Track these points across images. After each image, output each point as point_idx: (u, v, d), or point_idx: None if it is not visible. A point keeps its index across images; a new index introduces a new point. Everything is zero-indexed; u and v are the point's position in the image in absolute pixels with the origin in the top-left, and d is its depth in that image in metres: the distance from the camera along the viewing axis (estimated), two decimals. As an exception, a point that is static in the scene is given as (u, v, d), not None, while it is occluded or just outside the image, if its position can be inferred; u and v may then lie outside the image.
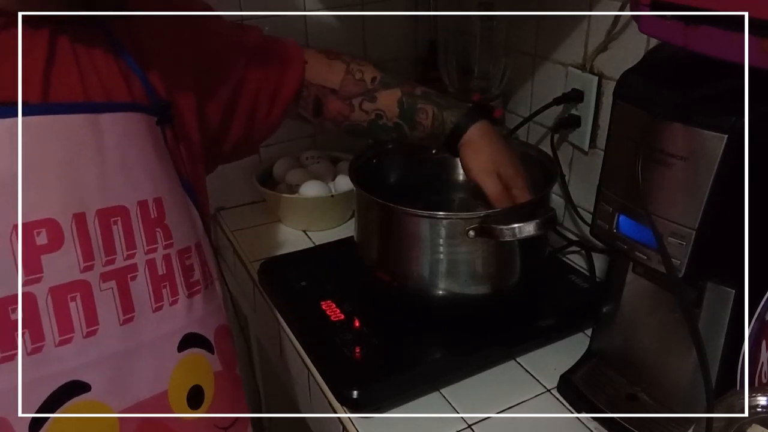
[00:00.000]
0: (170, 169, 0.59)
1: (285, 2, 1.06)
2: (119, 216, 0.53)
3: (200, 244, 0.61)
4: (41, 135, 0.49)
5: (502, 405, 0.72)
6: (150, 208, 0.55)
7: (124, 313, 0.53)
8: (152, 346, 0.55)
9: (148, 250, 0.55)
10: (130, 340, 0.54)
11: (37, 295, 0.49)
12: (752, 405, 0.54)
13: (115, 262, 0.53)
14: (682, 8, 0.51)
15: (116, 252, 0.53)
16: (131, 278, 0.54)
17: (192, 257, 0.59)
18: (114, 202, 0.53)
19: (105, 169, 0.52)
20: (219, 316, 0.63)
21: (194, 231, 0.61)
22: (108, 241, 0.52)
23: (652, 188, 0.57)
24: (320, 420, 0.82)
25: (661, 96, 0.56)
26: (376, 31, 1.15)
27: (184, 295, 0.58)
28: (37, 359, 0.49)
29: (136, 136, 0.55)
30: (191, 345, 0.58)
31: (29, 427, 0.49)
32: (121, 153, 0.53)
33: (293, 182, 1.07)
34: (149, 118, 0.57)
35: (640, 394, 0.70)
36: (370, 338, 0.78)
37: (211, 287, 0.62)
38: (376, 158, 0.93)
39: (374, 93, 0.79)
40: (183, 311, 0.58)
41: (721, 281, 0.60)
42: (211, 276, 0.63)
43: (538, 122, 1.02)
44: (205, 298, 0.60)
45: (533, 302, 0.86)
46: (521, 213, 0.74)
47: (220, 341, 0.62)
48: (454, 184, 0.98)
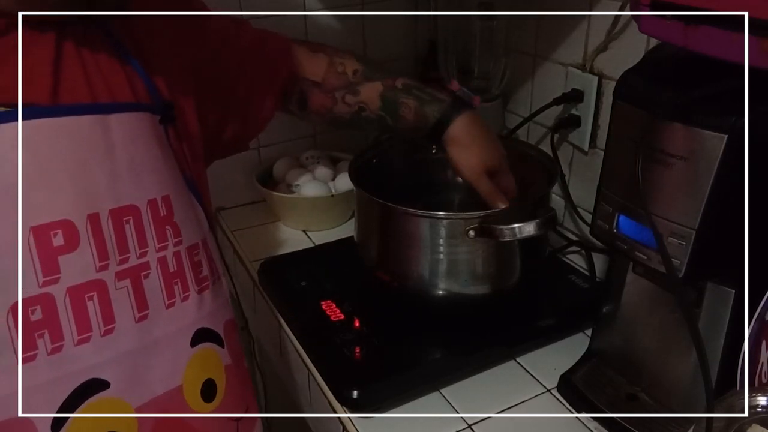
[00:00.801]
0: (175, 168, 0.59)
1: (285, 2, 1.06)
2: (131, 215, 0.54)
3: (206, 240, 0.62)
4: (52, 137, 0.50)
5: (502, 405, 0.72)
6: (159, 207, 0.56)
7: (139, 311, 0.54)
8: (167, 341, 0.56)
9: (159, 247, 0.56)
10: (146, 336, 0.55)
11: (55, 295, 0.49)
12: (752, 405, 0.54)
13: (129, 261, 0.54)
14: (682, 8, 0.51)
15: (129, 251, 0.54)
16: (144, 276, 0.55)
17: (200, 253, 0.60)
18: (125, 201, 0.54)
19: (115, 169, 0.53)
20: (226, 310, 0.64)
21: (200, 228, 0.62)
22: (121, 240, 0.53)
23: (652, 188, 0.57)
24: (320, 420, 0.82)
25: (661, 96, 0.56)
26: (376, 31, 1.15)
27: (194, 291, 0.59)
28: (57, 359, 0.50)
29: (143, 136, 0.56)
30: (203, 339, 0.59)
31: (51, 426, 0.50)
32: (129, 153, 0.54)
33: (293, 182, 1.07)
34: (153, 117, 0.57)
35: (640, 394, 0.70)
36: (370, 338, 0.78)
37: (218, 282, 0.63)
38: (376, 158, 0.93)
39: (356, 86, 0.80)
40: (194, 306, 0.58)
41: (721, 281, 0.60)
42: (217, 271, 0.63)
43: (538, 122, 1.02)
44: (213, 293, 0.61)
45: (533, 302, 0.86)
46: (521, 213, 0.74)
47: (228, 335, 0.63)
48: (454, 184, 0.98)
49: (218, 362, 0.61)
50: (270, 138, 1.13)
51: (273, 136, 1.14)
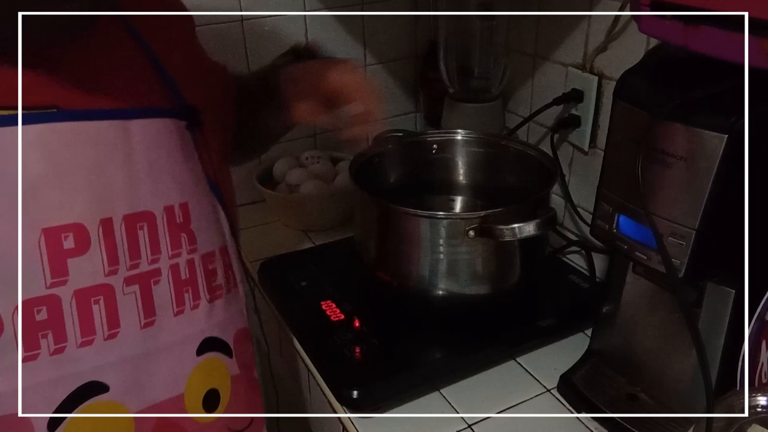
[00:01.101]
0: (198, 173, 0.59)
1: (285, 2, 1.06)
2: (145, 221, 0.54)
3: (225, 248, 0.61)
4: (71, 141, 0.50)
5: (502, 405, 0.72)
6: (176, 213, 0.56)
7: (145, 317, 0.54)
8: (172, 349, 0.56)
9: (172, 255, 0.55)
10: (150, 342, 0.54)
11: (62, 297, 0.49)
12: (752, 405, 0.54)
13: (140, 267, 0.53)
14: (682, 8, 0.51)
15: (141, 257, 0.53)
16: (154, 282, 0.54)
17: (215, 261, 0.59)
18: (141, 207, 0.53)
19: (133, 174, 0.53)
20: (240, 319, 0.63)
21: (219, 235, 0.61)
22: (133, 245, 0.53)
23: (652, 188, 0.57)
24: (320, 420, 0.82)
25: (661, 96, 0.56)
26: (376, 31, 1.15)
27: (205, 300, 0.58)
28: (59, 360, 0.50)
29: (165, 142, 0.55)
30: (210, 349, 0.59)
31: (48, 425, 0.50)
32: (149, 159, 0.54)
33: (293, 182, 1.07)
34: (178, 123, 0.57)
35: (640, 394, 0.70)
36: (370, 338, 0.78)
37: (233, 291, 0.62)
38: (376, 158, 0.92)
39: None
40: (204, 315, 0.58)
41: (721, 281, 0.60)
42: (234, 279, 0.62)
43: (538, 122, 1.02)
44: (227, 302, 0.60)
45: (533, 302, 0.86)
46: (521, 213, 0.74)
47: (239, 345, 0.62)
48: (454, 184, 0.98)
49: (224, 372, 0.60)
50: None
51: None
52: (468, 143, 0.96)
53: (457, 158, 0.97)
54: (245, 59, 1.06)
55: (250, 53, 1.07)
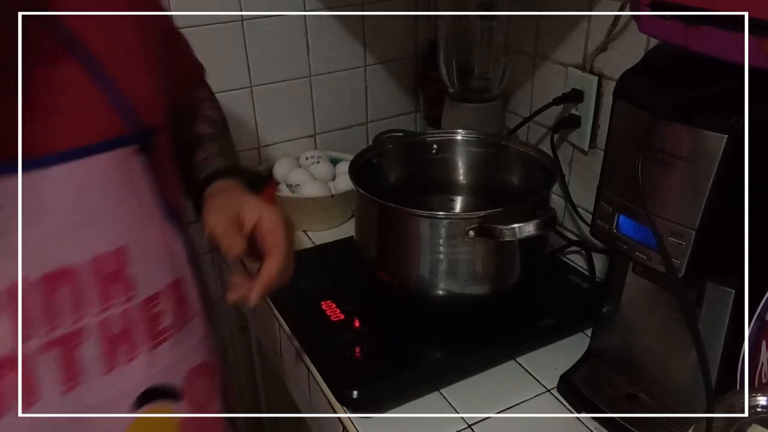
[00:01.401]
0: (147, 206, 0.54)
1: (285, 2, 1.06)
2: (65, 279, 0.49)
3: (179, 281, 0.57)
4: None
5: (502, 405, 0.72)
6: (108, 262, 0.51)
7: (67, 381, 0.50)
8: (102, 409, 0.52)
9: (101, 309, 0.51)
10: (76, 406, 0.51)
11: None
12: (752, 405, 0.54)
13: (59, 329, 0.49)
14: (682, 8, 0.51)
15: (61, 319, 0.49)
16: (78, 343, 0.50)
17: (162, 302, 0.55)
18: (59, 264, 0.49)
19: (50, 231, 0.48)
20: (196, 354, 0.59)
21: (172, 269, 0.56)
22: (50, 308, 0.49)
23: (652, 188, 0.57)
24: (320, 420, 0.82)
25: (661, 96, 0.56)
26: (376, 31, 1.15)
27: (145, 348, 0.54)
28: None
29: (101, 182, 0.50)
30: (151, 399, 0.55)
31: None
32: (73, 208, 0.49)
33: (293, 182, 1.07)
34: (126, 152, 0.51)
35: (640, 394, 0.70)
36: (370, 338, 0.78)
37: (188, 325, 0.58)
38: (376, 158, 0.93)
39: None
40: (143, 366, 0.54)
41: (721, 281, 0.60)
42: (191, 312, 0.58)
43: (538, 122, 1.02)
44: (177, 342, 0.56)
45: (533, 302, 0.86)
46: (521, 213, 0.74)
47: (192, 383, 0.58)
48: (454, 184, 0.98)
49: (169, 421, 0.57)
50: (270, 138, 1.14)
51: (273, 136, 1.14)
52: (468, 143, 0.96)
53: (457, 158, 0.97)
54: (245, 59, 1.06)
55: (250, 53, 1.07)
